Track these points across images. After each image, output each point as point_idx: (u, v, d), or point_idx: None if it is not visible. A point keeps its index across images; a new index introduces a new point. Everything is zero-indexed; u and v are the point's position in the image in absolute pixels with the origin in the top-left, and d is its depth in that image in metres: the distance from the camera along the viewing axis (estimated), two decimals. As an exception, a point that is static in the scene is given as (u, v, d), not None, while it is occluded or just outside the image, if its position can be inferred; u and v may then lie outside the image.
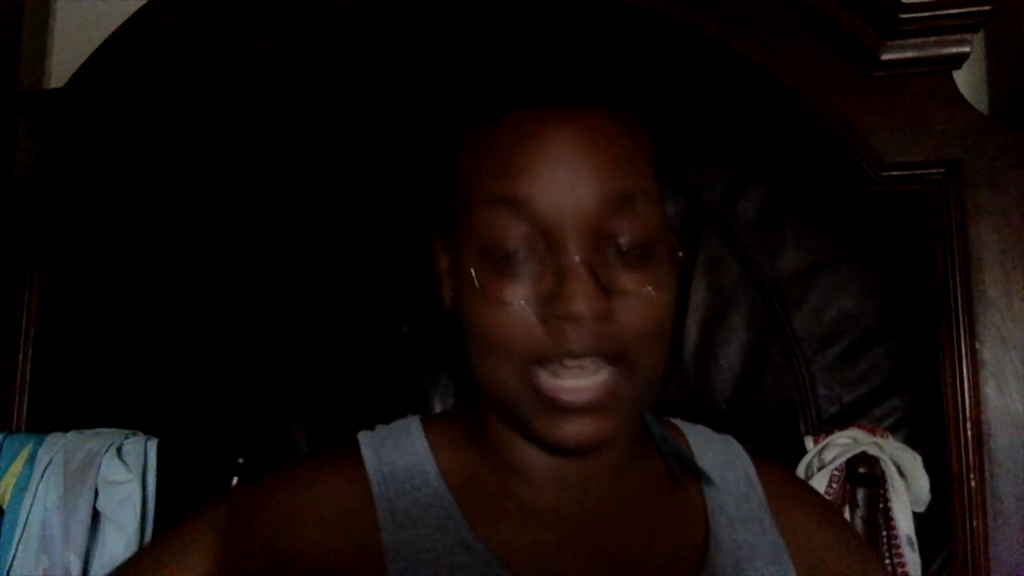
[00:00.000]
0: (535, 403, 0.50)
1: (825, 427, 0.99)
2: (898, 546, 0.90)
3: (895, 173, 0.98)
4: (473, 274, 0.50)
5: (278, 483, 0.56)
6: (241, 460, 1.05)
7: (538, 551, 0.53)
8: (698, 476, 0.59)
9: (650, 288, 0.50)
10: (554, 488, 0.55)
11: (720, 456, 0.62)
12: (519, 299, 0.49)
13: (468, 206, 0.52)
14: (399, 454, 0.57)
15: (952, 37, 0.97)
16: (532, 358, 0.49)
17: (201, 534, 0.55)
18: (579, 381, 0.49)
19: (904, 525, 0.90)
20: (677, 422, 0.65)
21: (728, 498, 0.59)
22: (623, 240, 0.50)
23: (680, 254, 0.54)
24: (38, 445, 1.09)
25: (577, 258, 0.48)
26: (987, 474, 0.91)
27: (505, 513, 0.55)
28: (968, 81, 1.04)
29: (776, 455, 0.96)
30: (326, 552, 0.52)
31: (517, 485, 0.56)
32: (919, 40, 0.97)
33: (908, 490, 0.91)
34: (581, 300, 0.47)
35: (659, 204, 0.53)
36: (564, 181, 0.49)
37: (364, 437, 0.59)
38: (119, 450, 1.07)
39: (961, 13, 0.96)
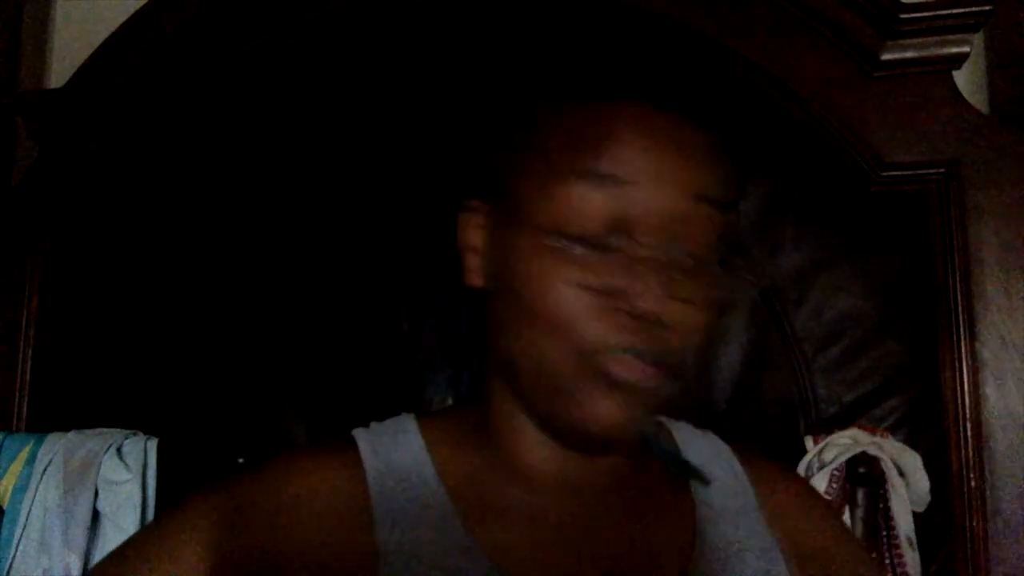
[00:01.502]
0: (586, 380, 0.49)
1: (825, 427, 0.99)
2: (898, 546, 0.90)
3: (895, 173, 0.98)
4: (549, 246, 0.50)
5: (276, 473, 0.56)
6: (241, 460, 1.05)
7: (532, 553, 0.53)
8: (693, 476, 0.58)
9: (709, 300, 0.50)
10: (553, 490, 0.55)
11: (706, 451, 0.62)
12: (589, 284, 0.49)
13: (550, 179, 0.51)
14: (396, 451, 0.57)
15: (952, 37, 0.97)
16: (589, 346, 0.49)
17: (195, 525, 0.54)
18: (636, 369, 0.49)
19: (904, 525, 0.90)
20: (662, 418, 0.65)
21: (716, 493, 0.59)
22: (698, 248, 0.50)
23: (739, 269, 0.55)
24: (38, 445, 1.09)
25: (656, 256, 0.48)
26: (987, 474, 0.91)
27: (501, 514, 0.54)
28: (968, 81, 1.04)
29: (776, 455, 0.96)
30: (321, 547, 0.52)
31: (515, 486, 0.56)
32: (919, 40, 0.97)
33: (908, 490, 0.91)
34: (652, 299, 0.48)
35: (733, 223, 0.53)
36: (663, 176, 0.49)
37: (361, 433, 0.59)
38: (119, 450, 1.07)
39: (961, 13, 0.96)
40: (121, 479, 1.05)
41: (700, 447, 0.63)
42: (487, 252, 0.55)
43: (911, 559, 0.89)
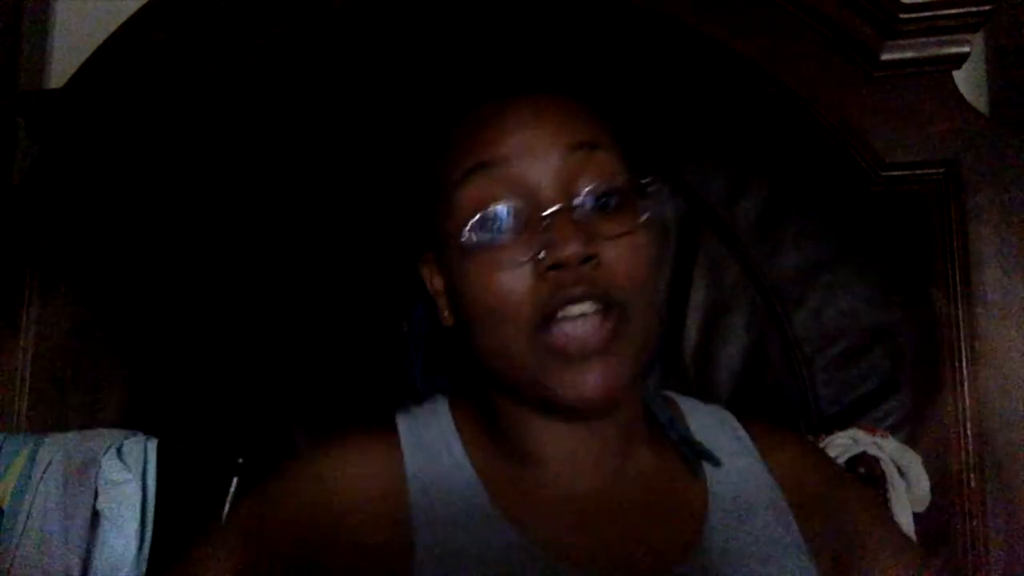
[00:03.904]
0: (546, 362, 0.52)
1: (825, 427, 0.99)
2: (898, 546, 0.90)
3: (895, 173, 0.98)
4: (463, 245, 0.53)
5: (321, 460, 0.60)
6: (241, 460, 1.05)
7: (554, 523, 0.55)
8: (705, 457, 0.61)
9: (630, 232, 0.53)
10: (568, 473, 0.58)
11: (711, 420, 0.66)
12: (512, 261, 0.52)
13: (451, 191, 0.55)
14: (430, 435, 0.60)
15: (952, 37, 0.97)
16: (536, 317, 0.52)
17: (239, 527, 0.58)
18: (584, 328, 0.52)
19: (904, 525, 0.90)
20: (670, 394, 0.70)
21: (722, 455, 0.62)
22: (595, 187, 0.53)
23: (655, 200, 0.57)
24: (38, 445, 1.09)
25: (557, 206, 0.52)
26: (987, 474, 0.91)
27: (524, 493, 0.57)
28: (968, 81, 1.04)
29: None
30: (361, 524, 0.55)
31: (532, 470, 0.58)
32: (919, 40, 0.97)
33: (908, 490, 0.91)
34: (568, 244, 0.50)
35: (624, 161, 0.56)
36: (530, 141, 0.54)
37: (401, 417, 0.62)
38: (119, 450, 1.07)
39: (961, 13, 0.96)
40: (121, 479, 1.05)
41: (705, 417, 0.66)
42: (447, 291, 0.60)
43: (911, 559, 0.89)
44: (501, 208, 0.53)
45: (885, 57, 0.98)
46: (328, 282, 1.18)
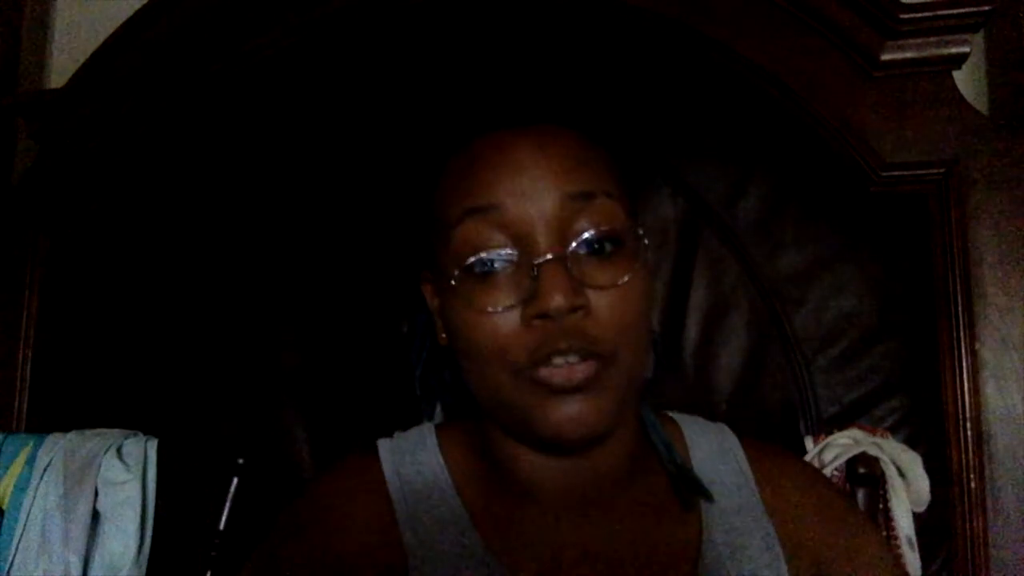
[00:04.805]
0: (529, 396, 0.52)
1: (825, 427, 0.99)
2: (898, 546, 0.90)
3: (895, 173, 0.98)
4: (454, 284, 0.53)
5: (309, 511, 0.59)
6: (241, 460, 1.05)
7: (543, 561, 0.55)
8: (700, 491, 0.59)
9: (624, 280, 0.53)
10: (559, 504, 0.57)
11: (714, 447, 0.64)
12: (502, 306, 0.52)
13: (447, 229, 0.55)
14: (416, 469, 0.60)
15: (952, 37, 0.97)
16: (522, 361, 0.51)
17: None
18: (569, 367, 0.51)
19: (904, 525, 0.90)
20: (673, 414, 0.67)
21: (722, 489, 0.61)
22: (590, 236, 0.53)
23: (647, 249, 0.56)
24: (38, 445, 1.09)
25: (549, 256, 0.51)
26: (987, 474, 0.91)
27: (513, 525, 0.57)
28: (968, 81, 1.04)
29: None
30: (359, 557, 0.55)
31: (524, 500, 0.58)
32: (919, 40, 0.97)
33: (908, 490, 0.91)
34: (557, 295, 0.50)
35: (624, 204, 0.56)
36: (527, 187, 0.53)
37: (384, 450, 0.62)
38: (119, 450, 1.07)
39: (961, 13, 0.96)
40: (121, 479, 1.05)
41: (708, 443, 0.64)
42: (441, 314, 0.59)
43: (911, 559, 0.89)
44: (493, 254, 0.52)
45: (885, 57, 0.98)
46: (329, 282, 1.18)
